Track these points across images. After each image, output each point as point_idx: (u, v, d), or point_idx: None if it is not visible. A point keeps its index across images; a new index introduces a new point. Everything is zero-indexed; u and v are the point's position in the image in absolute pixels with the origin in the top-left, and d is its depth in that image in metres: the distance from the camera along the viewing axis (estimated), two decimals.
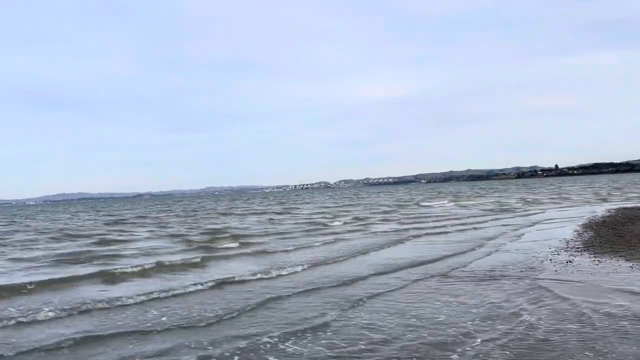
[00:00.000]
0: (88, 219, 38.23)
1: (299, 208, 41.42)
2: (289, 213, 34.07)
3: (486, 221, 21.23)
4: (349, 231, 18.81)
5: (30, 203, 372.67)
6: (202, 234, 20.07)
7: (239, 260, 12.35)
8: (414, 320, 6.10)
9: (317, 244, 15.02)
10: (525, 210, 27.01)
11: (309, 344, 5.39)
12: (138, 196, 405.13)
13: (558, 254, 11.27)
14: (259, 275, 9.71)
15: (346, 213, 30.64)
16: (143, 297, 7.93)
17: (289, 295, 7.87)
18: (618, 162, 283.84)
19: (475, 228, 17.69)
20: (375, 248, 13.35)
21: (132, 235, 20.96)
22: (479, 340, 5.24)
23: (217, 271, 10.58)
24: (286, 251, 13.58)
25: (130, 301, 7.76)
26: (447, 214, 26.92)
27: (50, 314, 7.09)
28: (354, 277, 9.31)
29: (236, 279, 9.43)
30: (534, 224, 18.77)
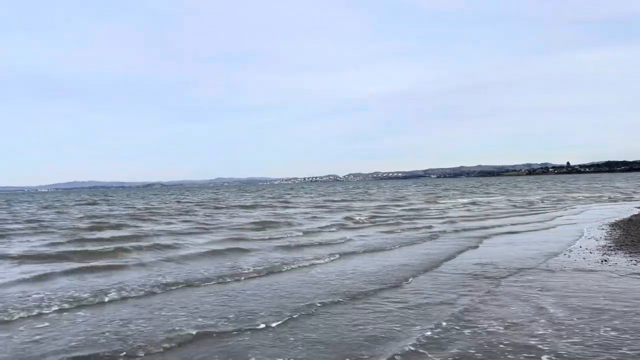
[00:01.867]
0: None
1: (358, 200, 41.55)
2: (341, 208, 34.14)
3: (554, 218, 20.94)
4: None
5: (43, 190, 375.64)
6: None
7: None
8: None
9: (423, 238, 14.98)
10: (572, 207, 26.94)
11: None
12: (149, 185, 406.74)
13: (591, 253, 11.07)
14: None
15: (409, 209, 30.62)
16: None
17: None
18: (631, 160, 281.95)
19: (546, 228, 17.15)
20: (464, 249, 12.54)
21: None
22: None
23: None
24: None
25: None
26: (503, 210, 26.82)
27: None
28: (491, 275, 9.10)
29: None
30: (592, 221, 18.62)
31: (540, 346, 5.23)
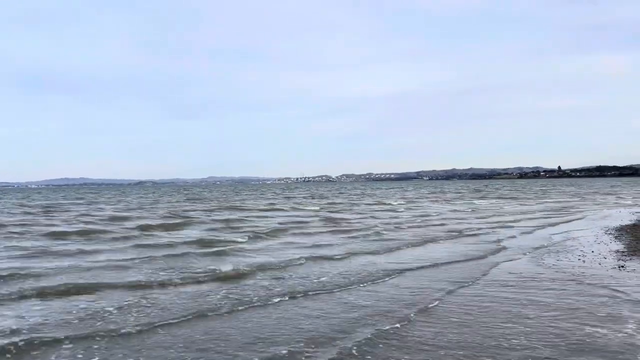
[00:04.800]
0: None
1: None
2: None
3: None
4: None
5: (32, 186, 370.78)
6: None
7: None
8: None
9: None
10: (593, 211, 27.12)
11: None
12: (140, 183, 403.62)
13: (605, 258, 11.13)
14: None
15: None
16: None
17: None
18: (621, 165, 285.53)
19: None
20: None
21: None
22: None
23: None
24: None
25: None
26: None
27: None
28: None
29: None
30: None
31: None
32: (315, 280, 9.26)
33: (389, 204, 37.74)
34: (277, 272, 10.18)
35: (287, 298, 7.93)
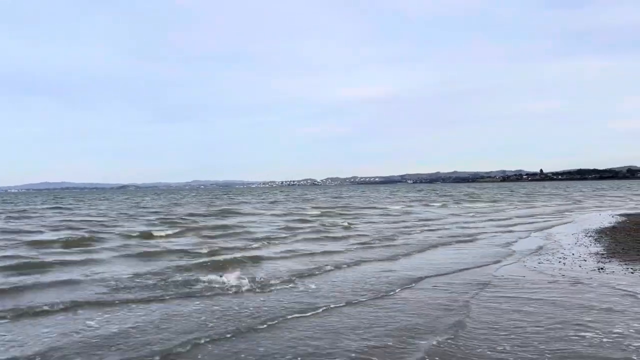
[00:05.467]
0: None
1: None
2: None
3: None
4: None
5: (13, 191, 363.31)
6: None
7: None
8: None
9: None
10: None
11: None
12: (123, 187, 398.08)
13: (585, 260, 11.33)
14: None
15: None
16: None
17: None
18: (601, 168, 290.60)
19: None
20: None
21: None
22: None
23: None
24: None
25: None
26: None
27: None
28: None
29: None
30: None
31: None
32: (342, 289, 9.00)
33: (384, 208, 37.51)
34: (304, 280, 9.87)
35: (332, 306, 7.72)
